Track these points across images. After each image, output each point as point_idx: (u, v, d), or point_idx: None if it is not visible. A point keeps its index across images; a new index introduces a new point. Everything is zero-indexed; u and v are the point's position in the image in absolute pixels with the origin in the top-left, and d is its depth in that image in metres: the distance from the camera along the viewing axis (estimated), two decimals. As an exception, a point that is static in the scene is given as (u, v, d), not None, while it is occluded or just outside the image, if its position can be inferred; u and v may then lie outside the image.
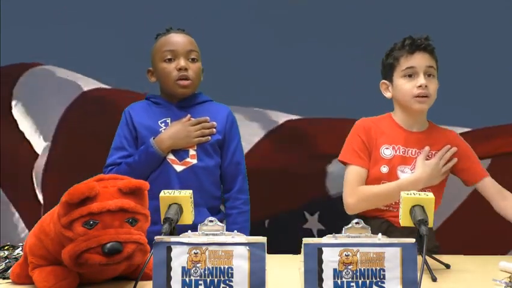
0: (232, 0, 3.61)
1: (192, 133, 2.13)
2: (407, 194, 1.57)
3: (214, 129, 2.17)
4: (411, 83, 2.04)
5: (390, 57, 2.11)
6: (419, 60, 2.05)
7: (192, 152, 2.14)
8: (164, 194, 1.57)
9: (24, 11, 3.66)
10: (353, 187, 2.06)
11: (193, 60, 2.18)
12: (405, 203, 1.55)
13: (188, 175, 2.11)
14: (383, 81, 2.14)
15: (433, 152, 2.08)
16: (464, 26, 3.27)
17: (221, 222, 2.10)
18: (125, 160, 2.13)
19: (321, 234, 3.22)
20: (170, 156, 2.12)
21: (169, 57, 2.16)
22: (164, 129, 2.15)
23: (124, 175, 2.01)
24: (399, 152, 2.06)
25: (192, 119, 2.16)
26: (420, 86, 2.02)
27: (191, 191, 1.59)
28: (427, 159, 2.05)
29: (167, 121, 2.17)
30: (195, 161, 2.13)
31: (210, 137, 2.15)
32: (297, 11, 3.64)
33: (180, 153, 2.13)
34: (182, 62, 2.15)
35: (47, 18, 3.63)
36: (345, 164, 2.11)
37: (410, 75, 2.05)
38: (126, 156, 2.14)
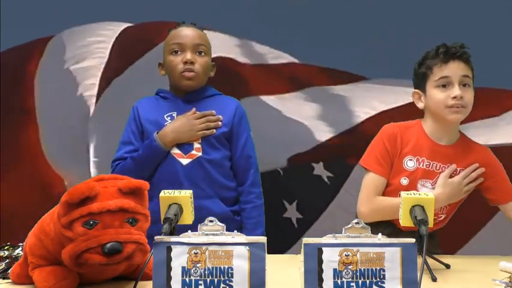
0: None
1: (196, 126, 2.12)
2: (407, 194, 1.56)
3: (219, 123, 2.15)
4: (446, 93, 1.95)
5: (423, 66, 2.01)
6: (454, 69, 1.95)
7: (196, 145, 2.13)
8: (164, 194, 1.57)
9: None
10: (369, 196, 2.00)
11: (200, 53, 2.17)
12: (405, 203, 1.54)
13: (194, 167, 2.10)
14: (415, 90, 2.05)
15: (458, 170, 1.99)
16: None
17: (238, 214, 2.15)
18: (131, 155, 2.14)
19: (300, 222, 3.23)
20: (175, 151, 2.12)
21: (176, 49, 2.17)
22: (169, 123, 2.15)
23: (130, 169, 2.07)
24: (423, 165, 1.98)
25: (197, 112, 2.16)
26: (455, 97, 1.93)
27: (191, 191, 1.58)
28: (452, 177, 1.98)
29: (173, 115, 2.17)
30: (200, 154, 2.12)
31: (214, 131, 2.14)
32: (297, 11, 3.64)
33: (185, 146, 2.13)
34: (188, 55, 2.14)
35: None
36: (365, 169, 2.04)
37: (444, 85, 1.95)
38: (132, 150, 2.15)
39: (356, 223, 1.37)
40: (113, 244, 1.38)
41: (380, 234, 1.36)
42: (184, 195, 1.56)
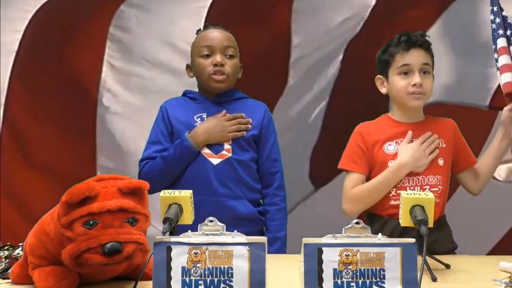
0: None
1: (227, 128, 2.15)
2: (407, 194, 1.57)
3: (249, 125, 2.19)
4: (406, 80, 2.05)
5: (385, 53, 2.11)
6: (415, 57, 2.05)
7: (226, 146, 2.16)
8: (164, 194, 1.57)
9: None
10: (347, 192, 2.08)
11: (230, 56, 2.20)
12: (405, 203, 1.55)
13: (225, 167, 2.14)
14: (379, 76, 2.15)
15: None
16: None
17: (262, 215, 2.18)
18: (161, 154, 2.15)
19: None
20: (206, 150, 2.15)
21: (206, 52, 2.20)
22: (199, 123, 2.17)
23: (160, 168, 2.12)
24: None
25: (227, 114, 2.18)
26: (415, 85, 2.03)
27: (191, 191, 1.59)
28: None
29: (203, 116, 2.20)
30: (230, 154, 2.15)
31: (245, 132, 2.18)
32: None
33: (215, 147, 2.16)
34: (218, 58, 2.18)
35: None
36: (345, 171, 2.12)
37: (406, 72, 2.06)
38: (161, 150, 2.17)
39: (356, 223, 1.37)
40: (113, 244, 1.38)
41: (380, 234, 1.36)
42: (184, 195, 1.56)
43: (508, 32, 2.16)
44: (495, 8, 2.18)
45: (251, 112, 2.22)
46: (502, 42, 2.14)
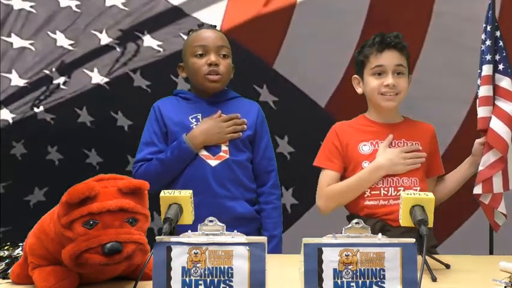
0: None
1: (224, 129, 2.15)
2: (407, 194, 1.57)
3: (245, 126, 2.20)
4: (379, 81, 2.07)
5: (361, 54, 2.13)
6: (388, 58, 2.07)
7: (224, 147, 2.17)
8: (164, 194, 1.57)
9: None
10: (321, 189, 2.10)
11: (224, 56, 2.20)
12: (405, 203, 1.55)
13: (223, 169, 2.14)
14: (355, 76, 2.17)
15: (409, 143, 2.09)
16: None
17: (258, 214, 2.19)
18: (156, 156, 2.15)
19: (294, 209, 3.22)
20: (204, 152, 2.15)
21: (200, 52, 2.19)
22: (195, 124, 2.17)
23: (157, 170, 2.12)
24: (378, 147, 2.08)
25: (222, 115, 2.18)
26: (387, 85, 2.05)
27: (191, 191, 1.59)
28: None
29: (198, 117, 2.19)
30: (227, 156, 2.16)
31: (241, 133, 2.18)
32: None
33: (213, 148, 2.16)
34: (212, 58, 2.17)
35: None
36: (320, 168, 2.14)
37: (380, 73, 2.07)
38: (156, 151, 2.16)
39: (356, 223, 1.37)
40: (113, 244, 1.38)
41: (380, 234, 1.37)
42: (184, 195, 1.56)
43: (497, 57, 2.16)
44: (489, 27, 2.16)
45: (245, 112, 2.22)
46: (487, 70, 2.14)
